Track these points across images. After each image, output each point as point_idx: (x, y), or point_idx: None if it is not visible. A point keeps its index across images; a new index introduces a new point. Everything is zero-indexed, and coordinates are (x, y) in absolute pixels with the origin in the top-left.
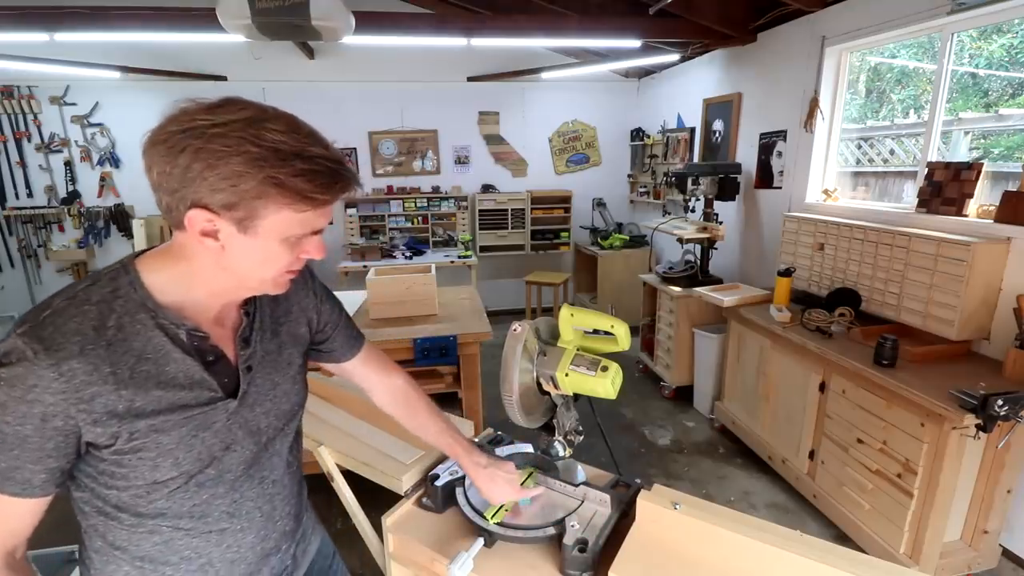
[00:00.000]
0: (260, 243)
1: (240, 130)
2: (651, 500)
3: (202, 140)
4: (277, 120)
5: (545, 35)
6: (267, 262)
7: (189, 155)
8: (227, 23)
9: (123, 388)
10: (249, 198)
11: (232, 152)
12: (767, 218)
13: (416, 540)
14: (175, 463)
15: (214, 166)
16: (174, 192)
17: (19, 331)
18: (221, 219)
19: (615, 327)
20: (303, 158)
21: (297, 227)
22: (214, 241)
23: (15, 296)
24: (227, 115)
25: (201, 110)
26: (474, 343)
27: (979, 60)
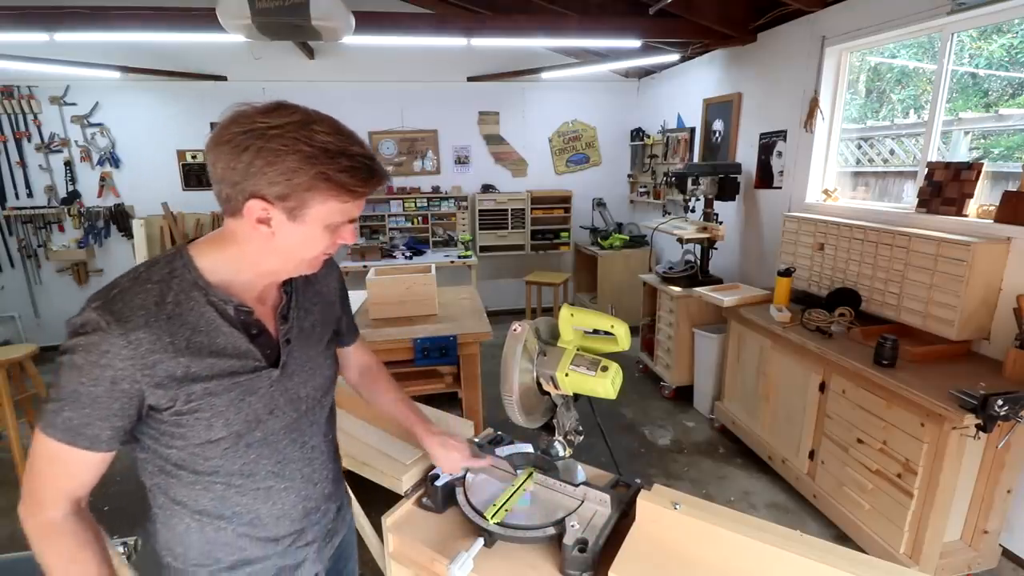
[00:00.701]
0: (306, 229)
1: (294, 131)
2: (651, 500)
3: (263, 140)
4: (322, 123)
5: (545, 35)
6: (309, 245)
7: (252, 153)
8: (227, 23)
9: (181, 356)
10: (301, 190)
11: (289, 151)
12: (767, 218)
13: (416, 540)
14: (226, 423)
15: (273, 163)
16: (235, 184)
17: (93, 306)
18: (275, 208)
19: (615, 327)
20: (347, 156)
21: (338, 215)
22: (267, 228)
23: (15, 296)
24: (281, 118)
25: (258, 113)
26: (474, 343)
27: (979, 60)
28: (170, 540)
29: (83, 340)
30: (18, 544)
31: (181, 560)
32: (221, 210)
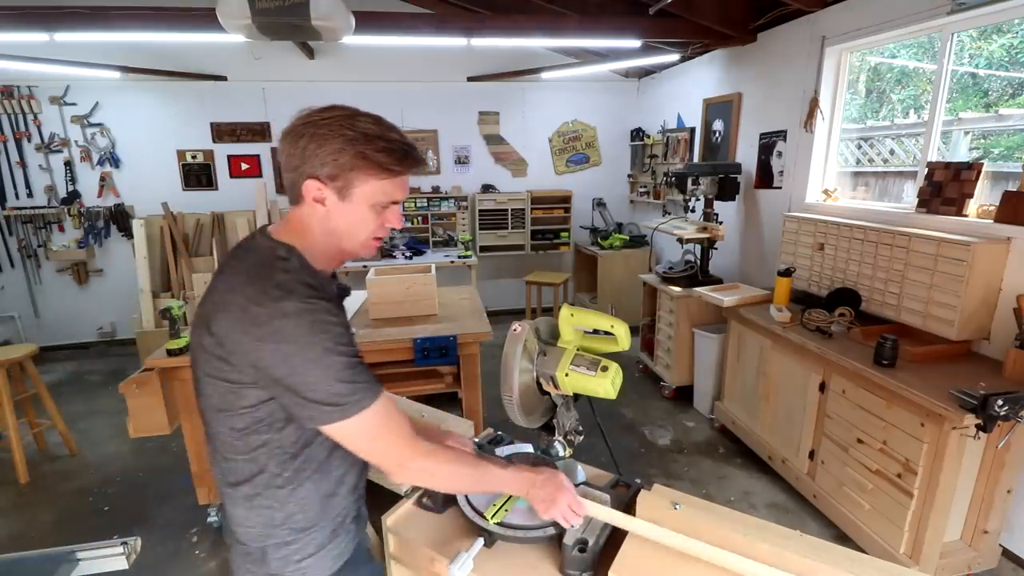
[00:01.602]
0: (354, 208)
1: (340, 120)
2: (651, 500)
3: (315, 128)
4: (367, 116)
5: (545, 35)
6: (360, 225)
7: (307, 139)
8: (227, 23)
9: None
10: (346, 170)
11: (334, 135)
12: (767, 218)
13: (416, 540)
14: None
15: (322, 145)
16: (296, 168)
17: (292, 300)
18: (327, 188)
19: (615, 327)
20: (384, 139)
21: (381, 195)
22: (323, 207)
23: (15, 296)
24: (332, 112)
25: (316, 110)
26: (474, 343)
27: (979, 60)
28: (292, 512)
29: (319, 313)
30: (18, 544)
31: (302, 523)
32: (289, 200)
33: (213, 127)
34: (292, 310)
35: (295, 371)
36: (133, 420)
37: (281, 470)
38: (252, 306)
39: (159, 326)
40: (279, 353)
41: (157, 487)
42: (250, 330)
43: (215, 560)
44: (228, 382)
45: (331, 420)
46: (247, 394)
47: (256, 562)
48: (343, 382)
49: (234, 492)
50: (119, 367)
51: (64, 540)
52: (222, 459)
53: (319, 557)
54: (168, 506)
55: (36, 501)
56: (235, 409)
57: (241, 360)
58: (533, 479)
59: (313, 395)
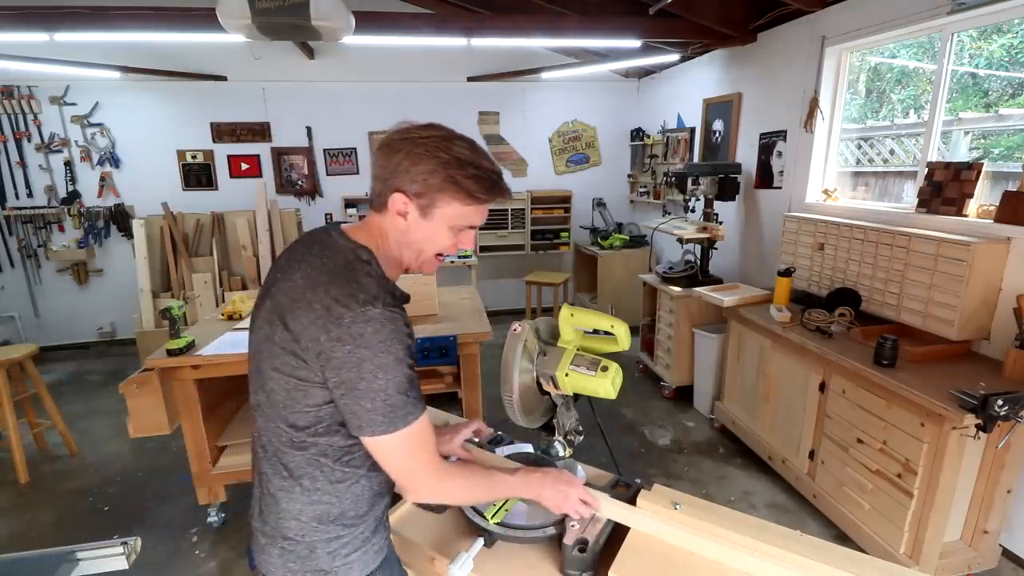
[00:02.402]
0: (433, 226)
1: (437, 142)
2: (651, 500)
3: (411, 145)
4: (463, 140)
5: (545, 35)
6: (434, 242)
7: (402, 155)
8: (227, 23)
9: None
10: (433, 190)
11: (429, 155)
12: (767, 218)
13: (416, 540)
14: None
15: (416, 163)
16: (386, 180)
17: (377, 307)
18: (412, 203)
19: (615, 327)
20: (475, 167)
21: (461, 219)
22: (404, 220)
23: (15, 296)
24: (431, 132)
25: (416, 126)
26: (474, 343)
27: (979, 60)
28: (347, 507)
29: (393, 326)
30: (18, 544)
31: (352, 518)
32: (371, 205)
33: (213, 127)
34: (376, 316)
35: (363, 376)
36: (133, 420)
37: (340, 466)
38: (337, 307)
39: (159, 326)
40: (354, 356)
41: (157, 487)
42: (331, 330)
43: (215, 560)
44: (297, 379)
45: (378, 431)
46: (314, 393)
47: (300, 558)
48: (400, 394)
49: (291, 486)
50: (119, 367)
51: (64, 540)
52: (278, 453)
53: (364, 552)
54: (168, 506)
55: (36, 501)
56: (300, 406)
57: (314, 359)
58: (542, 480)
59: (372, 402)
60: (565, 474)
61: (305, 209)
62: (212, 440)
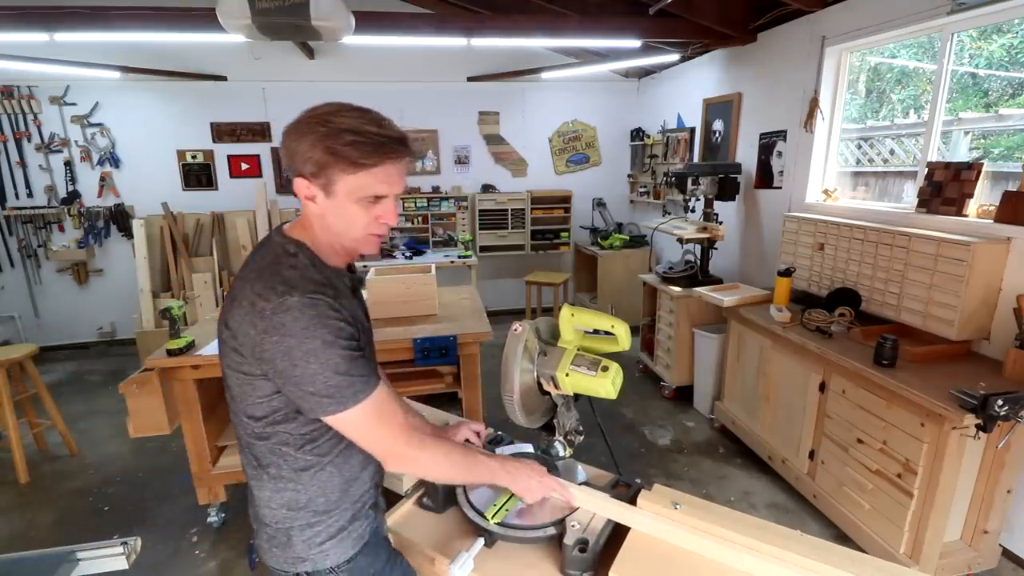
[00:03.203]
0: (340, 203)
1: (320, 116)
2: (651, 500)
3: (297, 125)
4: (353, 110)
5: (545, 35)
6: (351, 220)
7: (289, 137)
8: (227, 23)
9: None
10: (322, 167)
11: (310, 131)
12: (767, 218)
13: (416, 540)
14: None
15: (299, 142)
16: (289, 166)
17: (294, 296)
18: (313, 185)
19: (615, 327)
20: (354, 132)
21: (359, 189)
22: (314, 204)
23: (15, 296)
24: (319, 109)
25: (309, 109)
26: (474, 343)
27: (979, 60)
28: (315, 495)
29: (318, 308)
30: (18, 544)
31: (323, 506)
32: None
33: (213, 127)
34: (294, 304)
35: (296, 363)
36: (133, 420)
37: (302, 454)
38: (259, 301)
39: (159, 326)
40: (281, 346)
41: (157, 487)
42: (256, 323)
43: (215, 560)
44: (243, 374)
45: (329, 411)
46: (260, 385)
47: (281, 545)
48: (340, 374)
49: (260, 475)
50: (119, 367)
51: (64, 540)
52: (247, 445)
53: (340, 540)
54: (168, 506)
55: (36, 501)
56: (251, 399)
57: (250, 353)
58: (518, 467)
59: (312, 387)
60: (541, 468)
61: None
62: (212, 440)
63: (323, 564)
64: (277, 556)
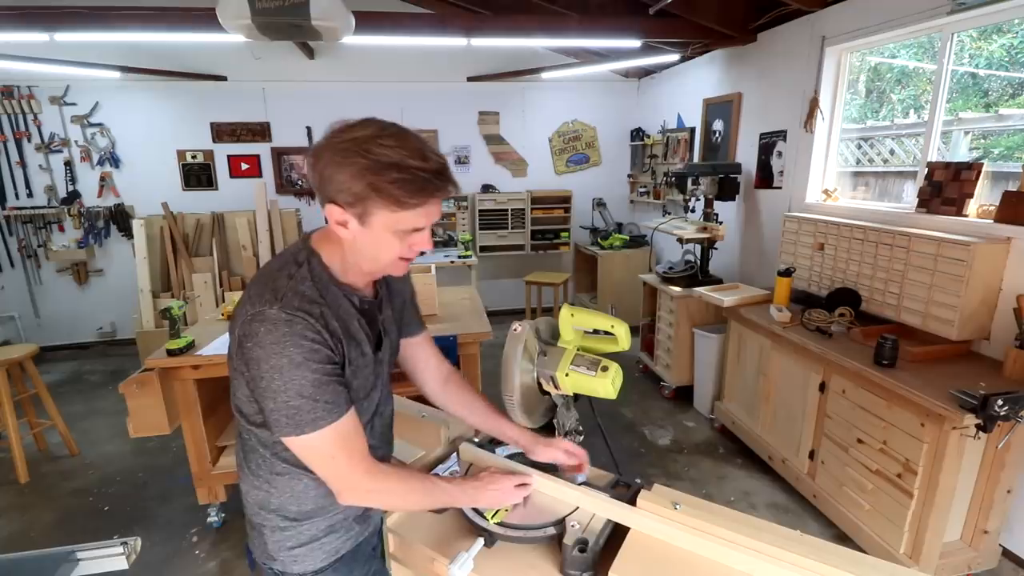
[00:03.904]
0: (375, 233)
1: (358, 144)
2: (651, 500)
3: (332, 152)
4: (391, 136)
5: (545, 35)
6: (383, 249)
7: (324, 163)
8: (227, 23)
9: (341, 336)
10: (361, 199)
11: (348, 163)
12: (767, 218)
13: (416, 540)
14: (354, 393)
15: (337, 171)
16: (320, 191)
17: (274, 308)
18: (347, 213)
19: (615, 327)
20: (400, 168)
21: (400, 224)
22: (345, 230)
23: (15, 296)
24: (354, 133)
25: (341, 129)
26: (474, 343)
27: (979, 60)
28: (286, 501)
29: (288, 329)
30: (18, 544)
31: (295, 514)
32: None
33: (213, 127)
34: (272, 317)
35: (262, 375)
36: (133, 420)
37: (278, 461)
38: (248, 305)
39: (159, 326)
40: (253, 354)
41: (157, 487)
42: (241, 326)
43: (215, 560)
44: (233, 368)
45: (284, 432)
46: (242, 384)
47: (258, 538)
48: (304, 397)
49: (243, 468)
50: (119, 367)
51: (64, 540)
52: (238, 436)
53: (311, 548)
54: (168, 506)
55: (36, 501)
56: (237, 395)
57: (235, 351)
58: (476, 486)
59: (272, 403)
60: (494, 475)
61: (305, 209)
62: (212, 440)
63: (291, 568)
64: (256, 547)
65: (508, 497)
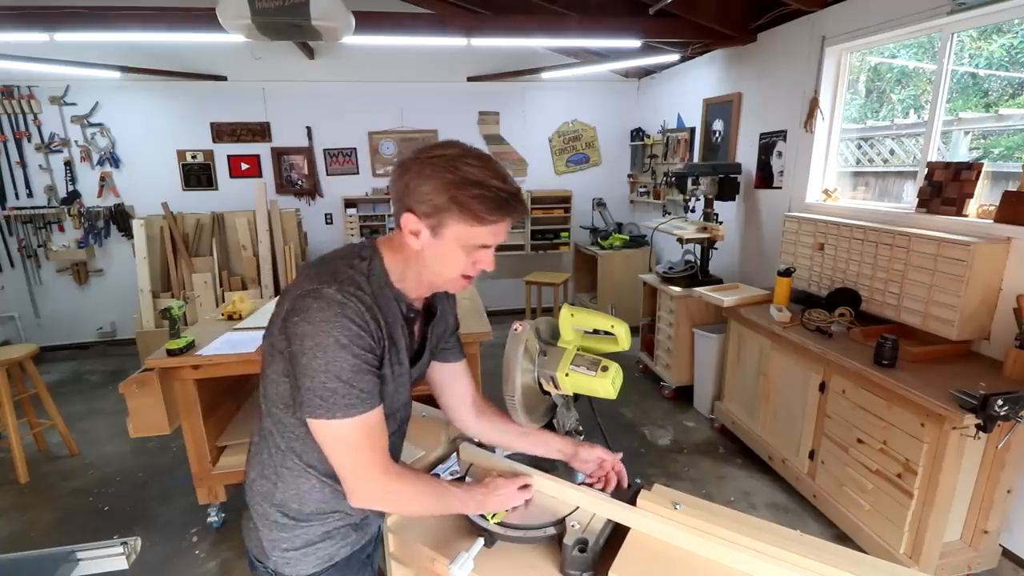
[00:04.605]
0: (445, 245)
1: (446, 161)
2: (651, 500)
3: (420, 165)
4: (476, 158)
5: (545, 35)
6: (449, 262)
7: (411, 175)
8: (227, 23)
9: (383, 334)
10: (440, 211)
11: (436, 175)
12: (767, 218)
13: (416, 540)
14: (386, 401)
15: (422, 184)
16: (399, 200)
17: (332, 287)
18: (422, 223)
19: (615, 327)
20: (482, 186)
21: (469, 238)
22: (416, 239)
23: (15, 296)
24: (444, 150)
25: (430, 146)
26: (474, 343)
27: (979, 60)
28: (289, 498)
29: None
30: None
31: (295, 513)
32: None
33: (213, 127)
34: (328, 295)
35: (304, 351)
36: (133, 420)
37: (293, 455)
38: (305, 282)
39: (159, 326)
40: (299, 329)
41: (157, 487)
42: (291, 300)
43: (215, 560)
44: (270, 345)
45: (317, 414)
46: (278, 362)
47: (255, 532)
48: (341, 381)
49: (257, 454)
50: (119, 367)
51: (64, 540)
52: (262, 416)
53: (305, 552)
54: (168, 506)
55: (36, 501)
56: (268, 372)
57: (279, 324)
58: (484, 492)
59: (311, 380)
60: (497, 479)
61: (305, 209)
62: (212, 440)
63: (283, 570)
64: (251, 540)
65: (513, 500)
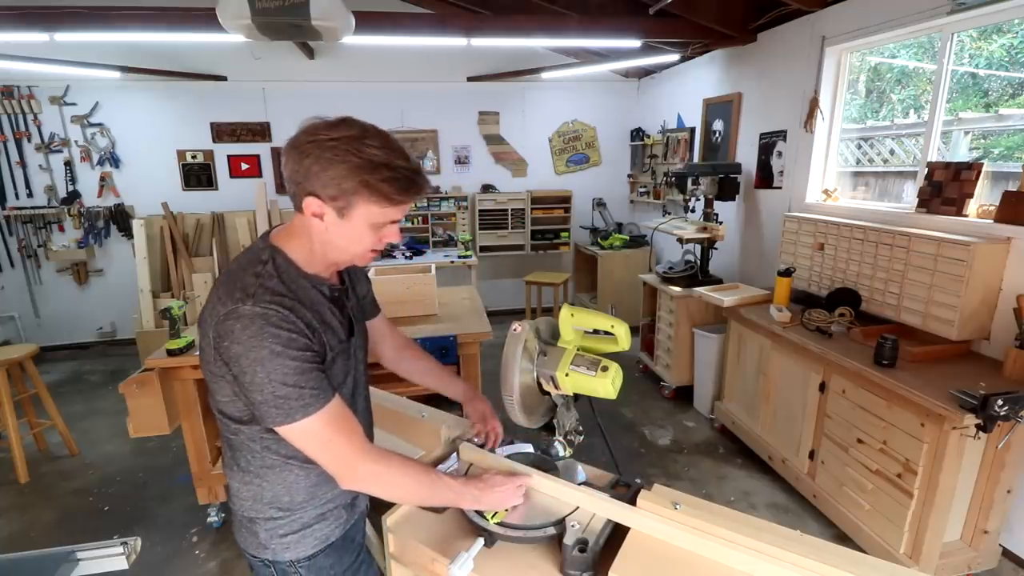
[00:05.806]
0: (352, 225)
1: (347, 144)
2: (651, 500)
3: (320, 149)
4: (375, 137)
5: (545, 35)
6: (357, 240)
7: (311, 160)
8: (227, 23)
9: (317, 328)
10: (348, 194)
11: (339, 159)
12: (767, 218)
13: (416, 540)
14: (333, 379)
15: (326, 168)
16: (298, 184)
17: (247, 304)
18: (327, 206)
19: (615, 327)
20: (389, 168)
21: (379, 217)
22: (320, 221)
23: (15, 296)
24: (340, 132)
25: (324, 126)
26: (474, 343)
27: (979, 60)
28: (279, 493)
29: (263, 322)
30: (18, 544)
31: (288, 504)
32: (293, 205)
33: (213, 127)
34: (246, 313)
35: (245, 370)
36: (133, 420)
37: (269, 454)
38: (219, 305)
39: (159, 326)
40: (232, 352)
41: (157, 487)
42: (216, 327)
43: (215, 560)
44: (211, 372)
45: (276, 422)
46: (224, 386)
47: (251, 533)
48: (288, 385)
49: (231, 466)
50: (119, 367)
51: (64, 540)
52: (223, 436)
53: (303, 535)
54: (168, 506)
55: (36, 501)
56: (219, 397)
57: (211, 354)
58: (482, 488)
59: (259, 395)
60: (495, 477)
61: None
62: (212, 440)
63: (283, 556)
64: (246, 541)
65: (511, 499)
